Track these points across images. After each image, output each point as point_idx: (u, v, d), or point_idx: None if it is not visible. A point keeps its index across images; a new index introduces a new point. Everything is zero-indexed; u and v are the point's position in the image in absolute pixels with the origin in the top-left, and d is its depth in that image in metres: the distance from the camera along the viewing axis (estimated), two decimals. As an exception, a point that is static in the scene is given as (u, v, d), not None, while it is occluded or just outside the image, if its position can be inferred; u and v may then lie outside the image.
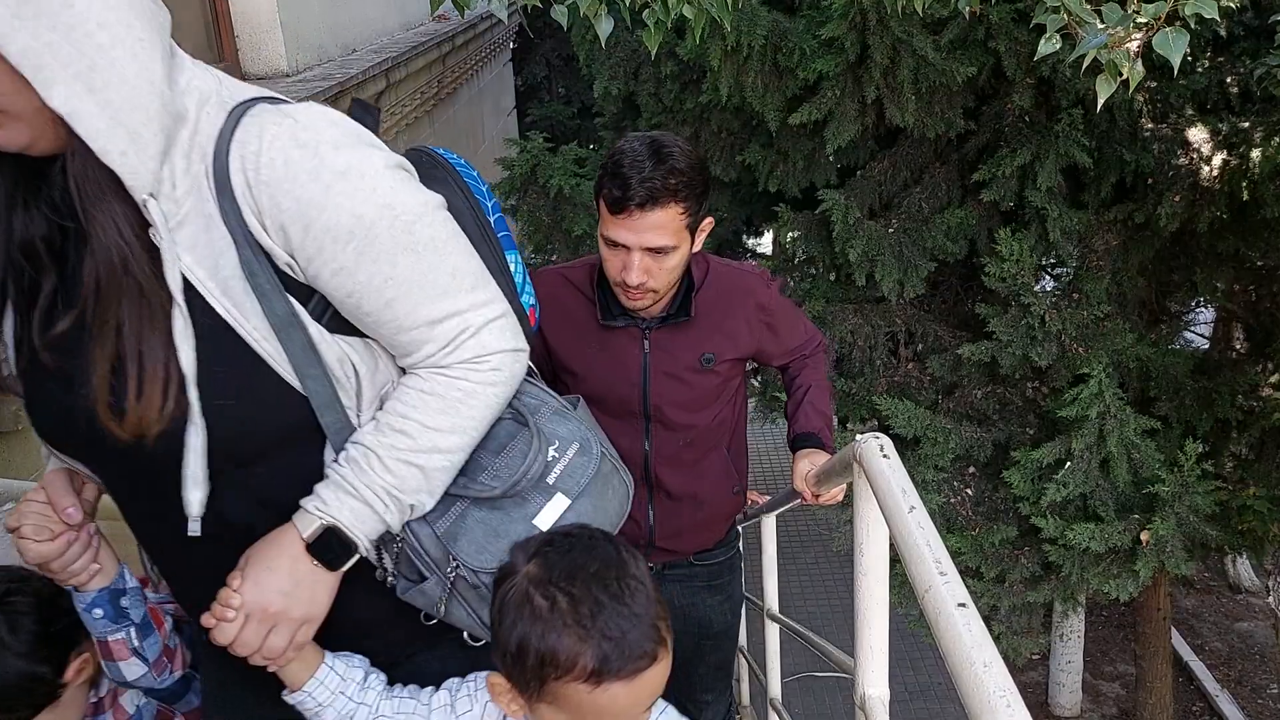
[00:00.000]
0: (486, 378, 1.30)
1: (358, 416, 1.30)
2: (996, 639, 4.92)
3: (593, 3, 2.62)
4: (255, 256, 1.17)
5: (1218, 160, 4.48)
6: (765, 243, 8.62)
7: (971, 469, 5.03)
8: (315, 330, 1.23)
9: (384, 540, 1.34)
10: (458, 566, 1.33)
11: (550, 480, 1.38)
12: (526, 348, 1.37)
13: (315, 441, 1.29)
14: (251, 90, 1.23)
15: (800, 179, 5.32)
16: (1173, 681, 7.18)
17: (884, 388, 5.25)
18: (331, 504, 1.26)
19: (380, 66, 4.72)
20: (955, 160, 5.07)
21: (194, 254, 1.15)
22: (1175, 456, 4.36)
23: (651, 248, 2.01)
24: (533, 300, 1.60)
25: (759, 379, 5.71)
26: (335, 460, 1.29)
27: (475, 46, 7.59)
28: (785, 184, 5.35)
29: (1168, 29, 2.32)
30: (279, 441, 1.26)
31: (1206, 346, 6.05)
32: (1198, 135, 4.60)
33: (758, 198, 6.04)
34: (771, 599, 3.54)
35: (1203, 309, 6.09)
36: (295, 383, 1.23)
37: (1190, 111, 4.71)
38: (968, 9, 2.89)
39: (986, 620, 4.92)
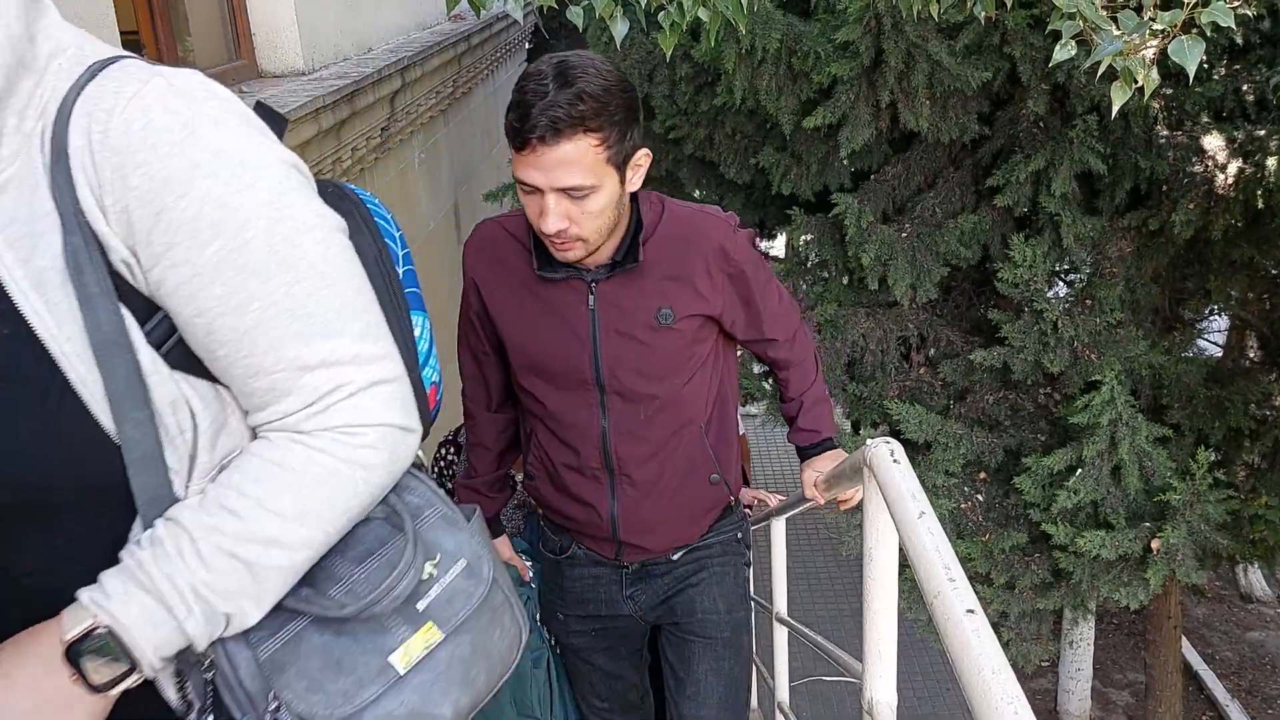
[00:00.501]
0: (359, 456, 0.98)
1: (185, 486, 0.96)
2: (1006, 645, 4.92)
3: (608, 4, 2.62)
4: (86, 246, 0.87)
5: (1233, 168, 4.46)
6: (778, 246, 8.63)
7: (982, 475, 5.02)
8: (148, 358, 0.92)
9: (184, 660, 0.96)
10: (279, 709, 0.98)
11: (421, 605, 1.04)
12: (419, 429, 1.05)
13: (129, 510, 0.95)
14: (123, 52, 0.95)
15: (814, 182, 5.31)
16: (1183, 690, 7.15)
17: (895, 392, 5.24)
18: (115, 596, 0.90)
19: (396, 66, 4.73)
20: (969, 165, 5.07)
21: (5, 232, 0.86)
22: (1187, 465, 4.34)
23: (564, 188, 1.69)
24: (437, 378, 1.33)
25: (770, 382, 5.70)
26: (137, 540, 0.94)
27: (491, 47, 7.60)
28: (799, 187, 5.35)
29: (1183, 36, 2.32)
30: (79, 504, 0.93)
31: (1220, 354, 6.02)
32: (1213, 143, 4.58)
33: (771, 201, 6.04)
34: (780, 602, 3.54)
35: (1216, 317, 6.07)
36: (109, 425, 0.90)
37: (1206, 119, 4.69)
38: (983, 14, 2.89)
39: (996, 627, 4.92)
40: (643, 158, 1.82)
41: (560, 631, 2.41)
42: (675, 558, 2.21)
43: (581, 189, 1.69)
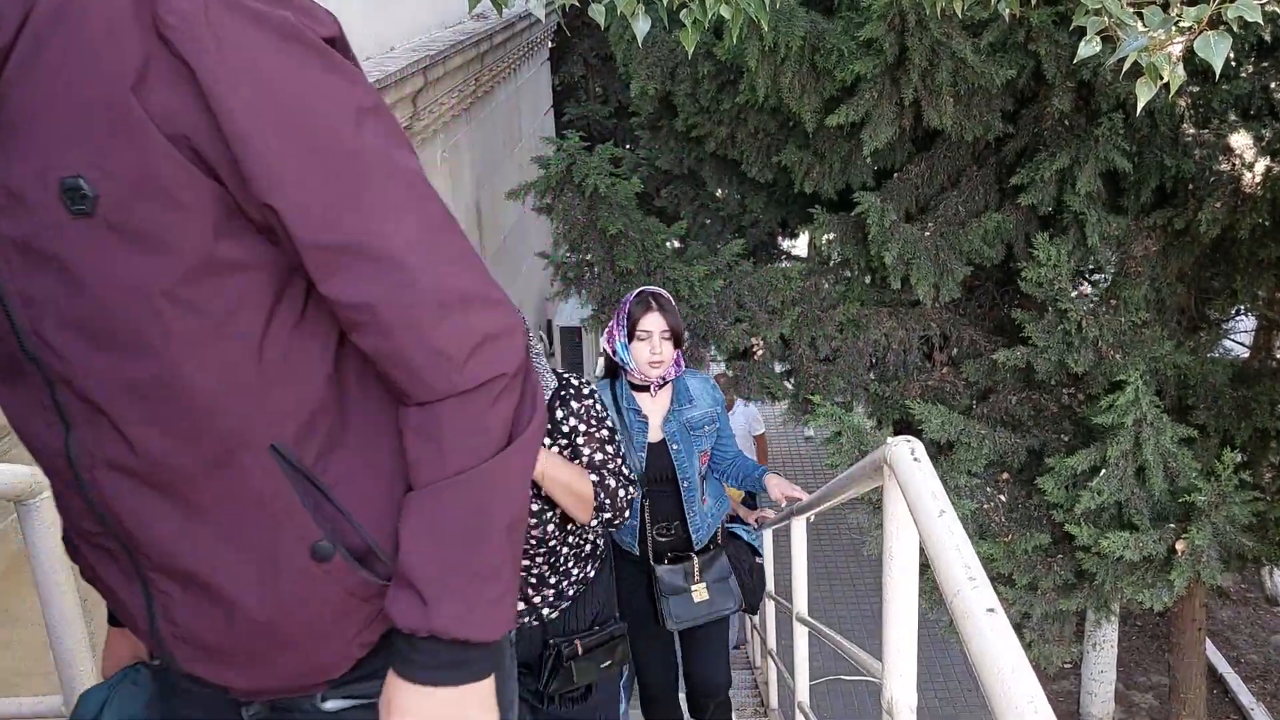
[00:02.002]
0: None
1: None
2: (1027, 647, 4.89)
3: (630, 1, 2.62)
4: None
5: (1260, 166, 4.42)
6: (800, 245, 8.60)
7: (1005, 475, 4.99)
8: None
9: None
10: None
11: None
12: None
13: None
14: None
15: (836, 181, 5.30)
16: (1207, 693, 7.09)
17: (917, 392, 5.22)
18: None
19: (418, 65, 4.75)
20: (993, 164, 5.04)
21: None
22: (1212, 466, 4.31)
23: None
24: None
25: (793, 380, 5.69)
26: None
27: (513, 45, 7.62)
28: (821, 185, 5.33)
29: (1210, 32, 2.29)
30: None
31: (1246, 355, 5.97)
32: (1240, 141, 4.54)
33: (793, 199, 6.03)
34: (801, 602, 3.53)
35: (1243, 317, 6.01)
36: None
37: (1233, 117, 4.66)
38: (1008, 11, 2.87)
39: (1017, 628, 4.89)
40: None
41: None
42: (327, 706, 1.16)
43: None
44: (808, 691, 3.52)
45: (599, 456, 2.36)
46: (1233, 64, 4.56)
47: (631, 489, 2.42)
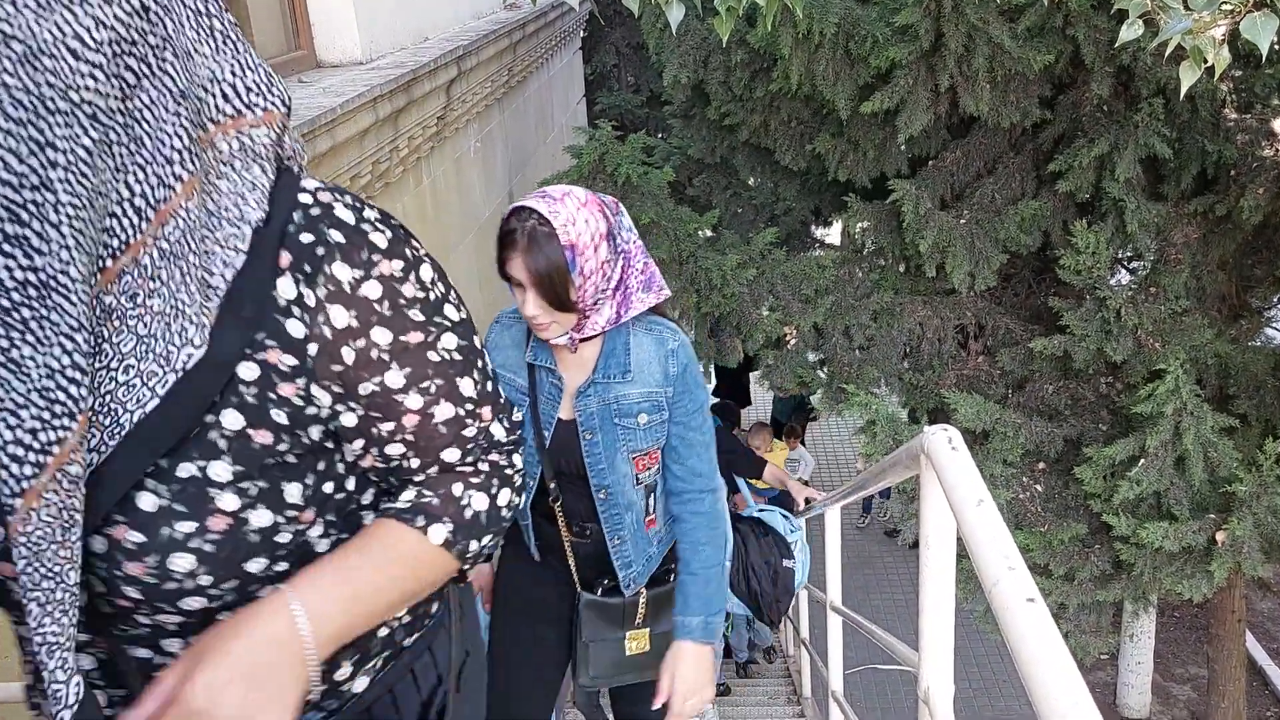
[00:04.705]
0: None
1: None
2: (1065, 637, 4.84)
3: (663, -10, 2.61)
4: None
5: (1305, 151, 4.35)
6: (834, 233, 8.56)
7: (1041, 465, 4.94)
8: None
9: None
10: None
11: None
12: None
13: None
14: None
15: (870, 169, 5.27)
16: (1246, 686, 7.01)
17: (952, 381, 5.18)
18: None
19: (452, 55, 4.75)
20: (1030, 150, 4.99)
21: None
22: (1254, 455, 4.25)
23: None
24: None
25: (826, 369, 5.66)
26: None
27: (546, 35, 7.61)
28: (855, 173, 5.30)
29: (1256, 13, 2.25)
30: None
31: (1289, 343, 5.88)
32: (1284, 126, 4.47)
33: (827, 187, 5.99)
34: (835, 591, 3.52)
35: (1286, 304, 5.91)
36: None
37: (1276, 101, 4.58)
38: (1046, -5, 2.83)
39: (1055, 618, 4.85)
40: None
41: None
42: None
43: None
44: (841, 680, 3.52)
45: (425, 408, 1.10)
46: (1278, 47, 4.48)
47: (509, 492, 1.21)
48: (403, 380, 1.03)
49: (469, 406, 1.11)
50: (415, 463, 1.10)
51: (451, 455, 1.12)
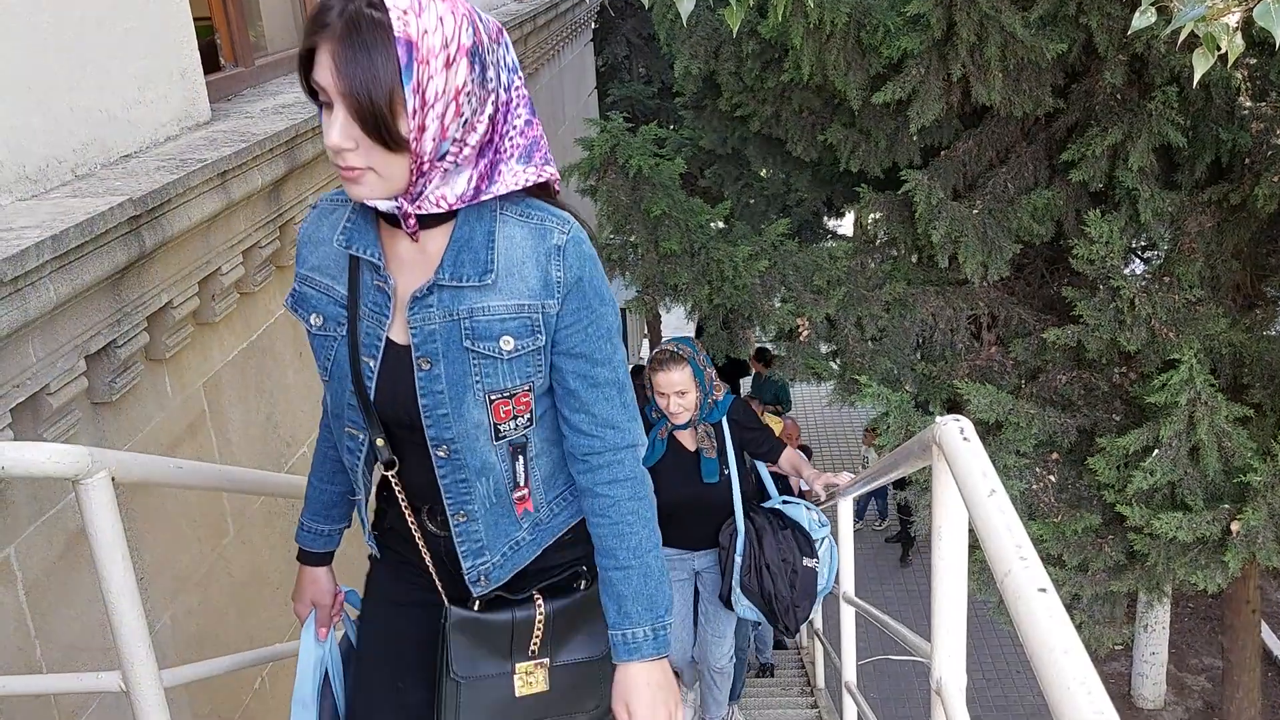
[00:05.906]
0: None
1: None
2: (1078, 628, 4.84)
3: (674, -19, 2.61)
4: None
5: (1320, 140, 4.32)
6: (846, 224, 8.54)
7: (1054, 455, 4.93)
8: None
9: None
10: None
11: None
12: None
13: None
14: None
15: (882, 159, 5.25)
16: (1261, 676, 6.99)
17: (965, 371, 5.17)
18: None
19: (463, 47, 4.76)
20: (1043, 140, 4.97)
21: None
22: (1268, 445, 4.23)
23: None
24: None
25: (838, 360, 5.65)
26: None
27: (557, 26, 7.61)
28: (867, 164, 5.29)
29: (1270, 1, 2.24)
30: None
31: (1304, 333, 5.85)
32: (1299, 113, 4.44)
33: (839, 178, 5.98)
34: (848, 582, 3.51)
35: (1301, 294, 5.88)
36: None
37: (1292, 88, 4.55)
38: (1058, -16, 2.82)
39: (1068, 609, 4.84)
40: None
41: None
42: None
43: None
44: (854, 671, 3.52)
45: None
46: (1291, 34, 4.45)
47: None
48: None
49: None
50: None
51: None
